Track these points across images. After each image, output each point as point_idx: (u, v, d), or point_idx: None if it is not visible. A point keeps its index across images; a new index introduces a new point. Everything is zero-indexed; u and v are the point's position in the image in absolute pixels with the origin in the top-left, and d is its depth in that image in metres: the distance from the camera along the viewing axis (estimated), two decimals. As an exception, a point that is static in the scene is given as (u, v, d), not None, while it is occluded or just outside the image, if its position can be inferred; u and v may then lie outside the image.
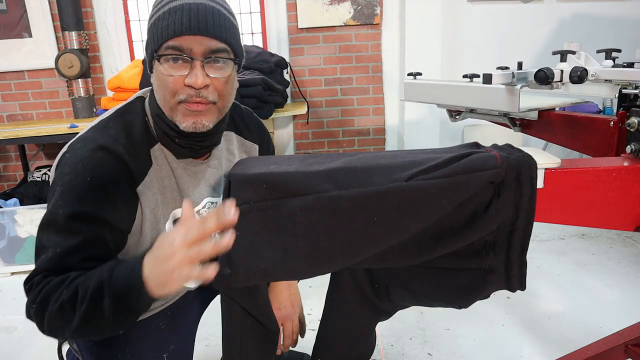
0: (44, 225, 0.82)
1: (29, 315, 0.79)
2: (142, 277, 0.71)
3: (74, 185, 0.81)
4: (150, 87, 0.95)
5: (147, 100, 0.95)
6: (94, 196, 0.82)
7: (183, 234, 0.70)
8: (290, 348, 1.17)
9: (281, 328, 1.10)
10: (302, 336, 1.15)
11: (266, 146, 1.16)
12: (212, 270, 0.69)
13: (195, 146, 0.93)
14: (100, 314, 0.73)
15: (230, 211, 0.69)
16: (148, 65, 0.89)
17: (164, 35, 0.82)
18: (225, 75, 0.87)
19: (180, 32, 0.81)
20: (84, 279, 0.75)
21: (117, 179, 0.85)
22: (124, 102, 0.95)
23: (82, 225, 0.80)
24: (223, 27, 0.84)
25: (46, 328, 0.77)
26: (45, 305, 0.75)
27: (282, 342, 1.12)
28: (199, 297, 1.14)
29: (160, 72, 0.85)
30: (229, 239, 0.69)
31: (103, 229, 0.83)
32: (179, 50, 0.82)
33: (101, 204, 0.82)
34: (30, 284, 0.79)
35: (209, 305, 1.20)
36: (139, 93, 0.97)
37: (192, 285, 1.06)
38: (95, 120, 0.92)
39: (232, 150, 1.06)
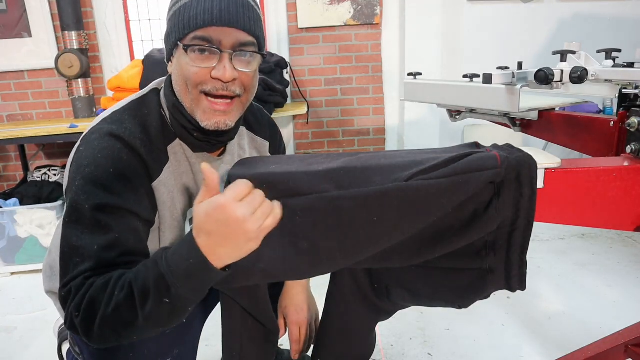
0: (71, 224, 0.76)
1: (72, 324, 0.71)
2: (206, 258, 0.66)
3: (96, 177, 0.77)
4: (163, 78, 0.93)
5: (162, 92, 0.92)
6: (119, 187, 0.78)
7: (246, 207, 0.65)
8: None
9: (298, 332, 1.07)
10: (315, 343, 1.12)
11: (277, 144, 1.13)
12: (277, 210, 0.68)
13: (213, 141, 0.91)
14: (168, 307, 0.68)
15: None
16: (167, 54, 0.87)
17: (192, 24, 0.79)
18: (253, 69, 0.85)
19: (211, 22, 0.78)
20: (134, 276, 0.69)
21: (138, 171, 0.82)
22: (138, 95, 0.91)
23: (112, 218, 0.76)
24: (252, 20, 0.82)
25: (96, 334, 0.70)
26: (94, 310, 0.69)
27: (299, 347, 1.08)
28: (203, 301, 1.14)
29: (184, 62, 0.82)
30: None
31: (133, 220, 0.79)
32: (207, 41, 0.80)
33: (127, 195, 0.78)
34: (67, 290, 0.72)
35: (209, 306, 1.20)
36: (153, 84, 0.94)
37: None
38: (107, 112, 0.88)
39: (243, 145, 1.04)
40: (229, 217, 0.64)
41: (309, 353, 1.11)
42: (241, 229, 0.65)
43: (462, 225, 0.76)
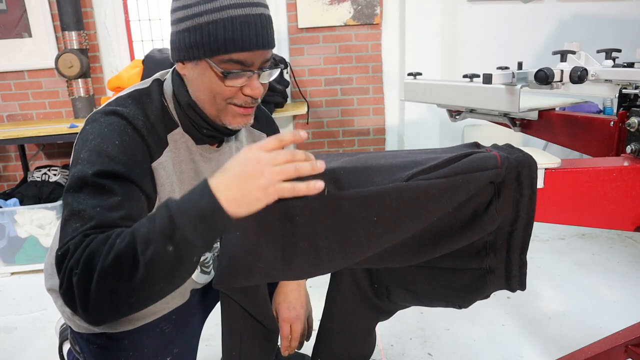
0: (74, 193, 0.74)
1: (69, 285, 0.64)
2: (217, 199, 0.63)
3: (102, 148, 0.78)
4: (166, 71, 0.96)
5: (165, 84, 0.94)
6: (124, 158, 0.79)
7: (270, 154, 0.65)
8: (296, 350, 1.15)
9: (289, 329, 1.08)
10: (308, 339, 1.13)
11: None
12: (319, 183, 0.66)
13: (220, 137, 0.96)
14: (171, 255, 0.62)
15: (319, 163, 0.67)
16: (183, 56, 0.85)
17: (228, 47, 0.81)
18: (271, 80, 0.91)
19: (249, 47, 0.82)
20: (137, 225, 0.65)
21: (141, 148, 0.84)
22: (140, 85, 0.93)
23: (116, 184, 0.75)
24: (272, 36, 0.87)
25: (93, 297, 0.63)
26: (93, 263, 0.63)
27: (289, 344, 1.08)
28: (203, 301, 1.14)
29: (212, 78, 0.84)
30: (321, 164, 0.67)
31: (137, 191, 0.79)
32: (242, 64, 0.83)
33: (132, 167, 0.80)
34: (65, 249, 0.67)
35: (209, 306, 1.20)
36: (157, 75, 0.96)
37: (200, 281, 1.06)
38: (111, 99, 0.91)
39: (240, 138, 1.08)
40: (248, 156, 0.65)
41: (308, 352, 1.11)
42: (255, 170, 0.64)
43: (462, 225, 0.76)
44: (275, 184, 0.64)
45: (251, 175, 0.64)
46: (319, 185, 0.66)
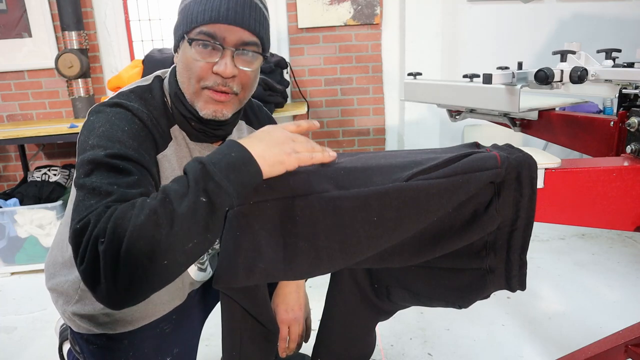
0: (87, 174, 0.71)
1: (93, 257, 0.60)
2: (248, 151, 0.68)
3: (112, 134, 0.77)
4: (167, 69, 0.96)
5: (165, 80, 0.95)
6: (134, 144, 0.79)
7: (291, 134, 0.74)
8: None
9: (287, 330, 1.08)
10: (306, 341, 1.13)
11: None
12: (333, 152, 0.75)
13: (209, 133, 0.95)
14: (206, 207, 0.63)
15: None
16: (174, 45, 0.91)
17: (198, 19, 0.82)
18: (253, 69, 0.88)
19: (217, 19, 0.81)
20: (168, 185, 0.65)
21: (148, 138, 0.85)
22: (141, 81, 0.94)
23: (131, 164, 0.74)
24: (258, 21, 0.85)
25: (123, 265, 0.59)
26: (123, 227, 0.60)
27: (287, 345, 1.08)
28: (203, 301, 1.14)
29: (188, 55, 0.85)
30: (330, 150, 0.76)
31: (148, 176, 0.78)
32: (212, 37, 0.83)
33: (142, 153, 0.80)
34: (84, 222, 0.63)
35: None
36: (158, 73, 0.97)
37: (197, 279, 1.06)
38: (113, 95, 0.91)
39: (242, 138, 1.07)
40: (273, 129, 0.74)
41: (308, 352, 1.11)
42: (279, 138, 0.72)
43: (462, 225, 0.76)
44: (296, 153, 0.72)
45: (277, 142, 0.71)
46: (332, 154, 0.75)
